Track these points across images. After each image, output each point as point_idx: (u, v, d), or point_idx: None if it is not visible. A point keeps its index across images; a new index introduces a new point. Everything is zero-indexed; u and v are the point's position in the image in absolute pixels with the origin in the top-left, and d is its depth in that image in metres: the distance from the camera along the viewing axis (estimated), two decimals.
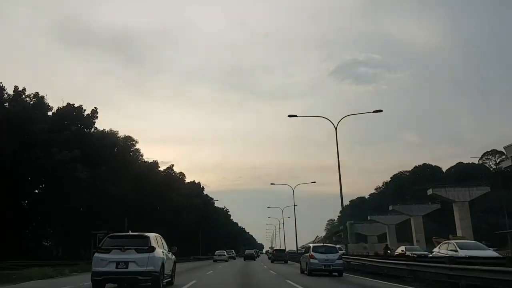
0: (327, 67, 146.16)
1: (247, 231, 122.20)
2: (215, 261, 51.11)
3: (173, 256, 15.16)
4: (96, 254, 12.62)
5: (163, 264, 12.80)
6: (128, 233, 14.68)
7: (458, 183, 65.54)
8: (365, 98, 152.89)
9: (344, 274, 21.00)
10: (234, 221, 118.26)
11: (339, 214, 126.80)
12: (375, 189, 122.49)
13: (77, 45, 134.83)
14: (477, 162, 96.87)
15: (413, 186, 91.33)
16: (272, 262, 45.56)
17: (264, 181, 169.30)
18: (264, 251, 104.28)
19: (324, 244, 23.86)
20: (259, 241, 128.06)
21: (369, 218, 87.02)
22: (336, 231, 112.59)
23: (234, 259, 63.00)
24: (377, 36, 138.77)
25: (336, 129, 30.07)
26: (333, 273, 20.79)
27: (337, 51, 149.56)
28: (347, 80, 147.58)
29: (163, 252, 13.32)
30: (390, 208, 77.70)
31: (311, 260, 21.25)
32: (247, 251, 64.98)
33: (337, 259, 21.17)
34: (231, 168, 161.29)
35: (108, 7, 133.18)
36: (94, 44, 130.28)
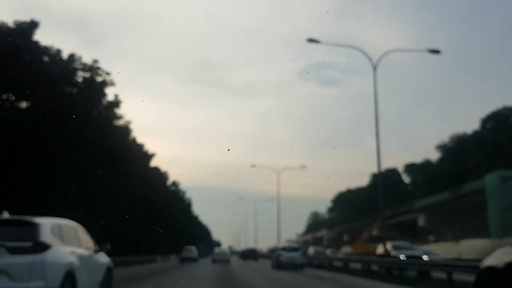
0: (295, 67, 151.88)
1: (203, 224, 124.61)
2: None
3: (105, 260, 9.68)
4: None
5: (70, 274, 7.36)
6: (1, 217, 7.54)
7: None
8: (331, 101, 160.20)
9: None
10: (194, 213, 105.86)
11: (329, 205, 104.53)
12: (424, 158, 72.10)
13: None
14: None
15: None
16: (244, 259, 50.67)
17: (226, 178, 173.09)
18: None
19: (289, 245, 30.74)
20: (215, 236, 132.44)
21: None
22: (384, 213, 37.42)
23: (195, 260, 42.07)
24: (345, 39, 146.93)
25: (375, 69, 25.29)
26: (297, 267, 27.29)
27: (306, 52, 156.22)
28: (314, 82, 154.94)
29: (73, 252, 7.84)
30: None
31: (280, 258, 27.95)
32: (217, 249, 68.19)
33: (299, 256, 28.04)
34: (190, 163, 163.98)
35: None
36: (50, 24, 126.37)
